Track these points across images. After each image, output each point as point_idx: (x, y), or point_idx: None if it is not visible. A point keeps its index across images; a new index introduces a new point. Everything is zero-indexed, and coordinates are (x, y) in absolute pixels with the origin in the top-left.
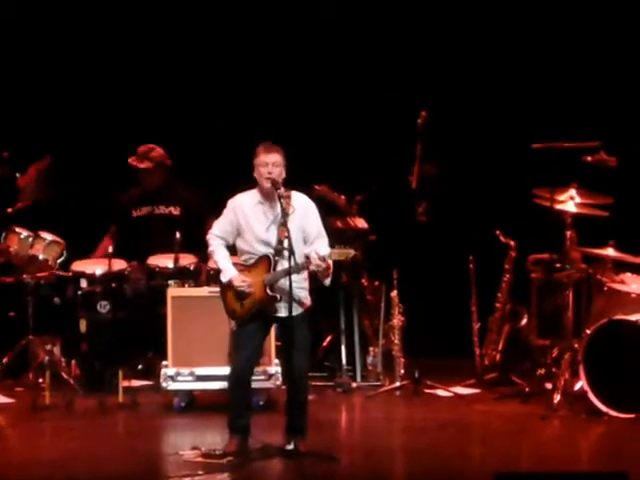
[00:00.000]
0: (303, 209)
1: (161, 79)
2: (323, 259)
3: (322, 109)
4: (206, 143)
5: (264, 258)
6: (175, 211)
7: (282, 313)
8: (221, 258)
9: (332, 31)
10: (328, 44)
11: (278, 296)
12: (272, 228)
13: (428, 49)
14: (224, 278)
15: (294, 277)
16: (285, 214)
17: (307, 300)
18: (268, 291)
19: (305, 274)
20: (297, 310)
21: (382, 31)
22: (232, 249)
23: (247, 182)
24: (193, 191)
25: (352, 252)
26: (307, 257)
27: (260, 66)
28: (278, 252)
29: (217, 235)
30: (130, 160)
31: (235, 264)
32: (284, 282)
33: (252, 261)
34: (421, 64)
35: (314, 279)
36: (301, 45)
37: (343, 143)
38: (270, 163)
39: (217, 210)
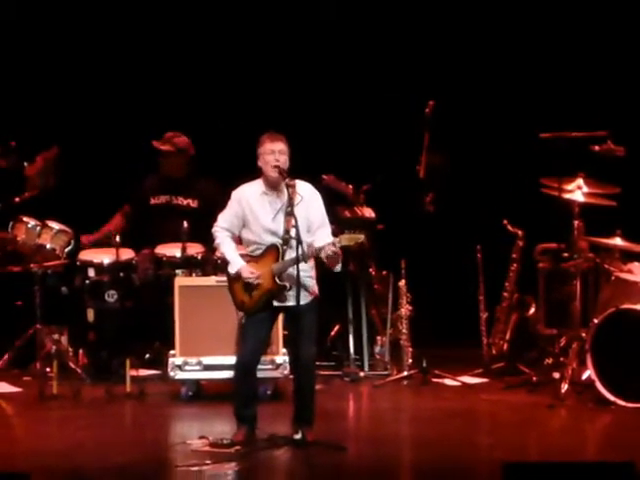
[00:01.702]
0: (308, 198)
1: (167, 68)
2: (333, 245)
3: (329, 99)
4: (212, 133)
5: (272, 248)
6: (193, 204)
7: (290, 302)
8: (228, 250)
9: (340, 21)
10: (336, 34)
11: (287, 285)
12: (278, 217)
13: (436, 39)
14: (232, 270)
15: (302, 266)
16: (292, 203)
17: (315, 288)
18: (277, 280)
19: (312, 262)
20: (305, 299)
21: (390, 20)
22: (239, 240)
23: (251, 172)
24: (214, 185)
25: (362, 237)
26: (310, 247)
27: (266, 56)
28: (286, 241)
29: (223, 227)
30: (154, 143)
31: (242, 255)
32: (292, 271)
33: (259, 252)
34: (429, 54)
35: (322, 267)
36: (308, 34)
37: (350, 133)
38: (277, 151)
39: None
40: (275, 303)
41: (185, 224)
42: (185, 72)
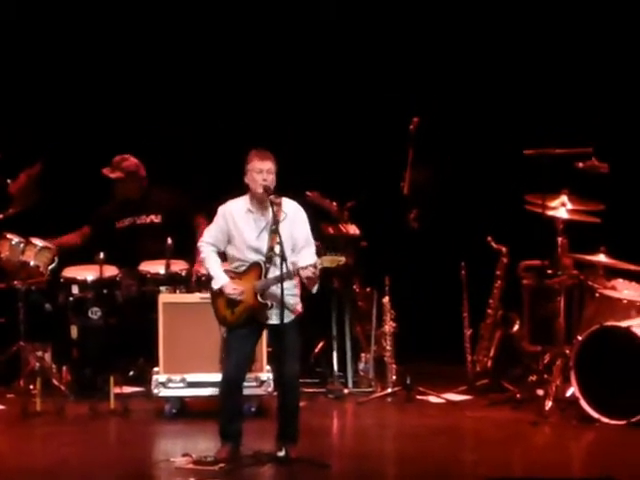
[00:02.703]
0: (294, 216)
1: (152, 84)
2: (314, 267)
3: (313, 115)
4: (199, 149)
5: (255, 265)
6: (156, 219)
7: (273, 320)
8: (213, 265)
9: (323, 40)
10: (320, 52)
11: (269, 303)
12: (263, 235)
13: (420, 55)
14: (215, 285)
15: (285, 284)
16: (277, 221)
17: (298, 307)
18: (259, 298)
19: (296, 280)
20: (288, 317)
21: (374, 37)
22: (223, 256)
23: (239, 188)
24: (172, 195)
25: (343, 259)
26: (293, 265)
27: (252, 72)
28: (269, 259)
29: (208, 242)
30: (103, 171)
31: (226, 271)
32: (275, 289)
33: (243, 268)
34: (413, 70)
35: (303, 286)
36: (292, 52)
37: (334, 149)
38: (265, 170)
39: (208, 213)
40: (258, 321)
41: (169, 240)
42: (171, 88)
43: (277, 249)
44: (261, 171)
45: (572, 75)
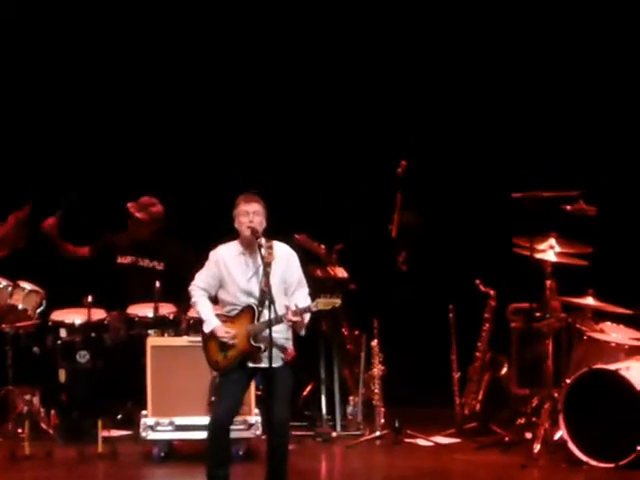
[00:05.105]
0: (285, 259)
1: (143, 129)
2: (300, 313)
3: (302, 158)
4: (188, 195)
5: (247, 309)
6: (159, 266)
7: (266, 364)
8: (204, 309)
9: (313, 83)
10: (308, 94)
11: (262, 347)
12: (254, 278)
13: (408, 98)
14: (207, 329)
15: (278, 327)
16: (266, 264)
17: (291, 350)
18: (252, 342)
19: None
20: (280, 360)
21: (363, 81)
22: (215, 300)
23: (228, 233)
24: (181, 247)
25: (338, 301)
26: (287, 308)
27: (240, 118)
28: (261, 303)
29: (199, 287)
30: (129, 205)
31: (218, 315)
32: (268, 332)
33: (235, 312)
34: (400, 113)
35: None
36: (282, 95)
37: (323, 192)
38: (251, 212)
39: (201, 263)
40: (250, 364)
41: (157, 284)
42: (162, 134)
43: (267, 293)
44: (247, 213)
45: (560, 118)
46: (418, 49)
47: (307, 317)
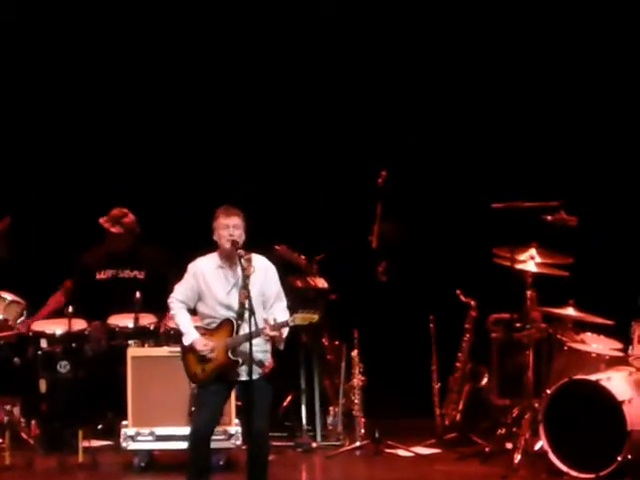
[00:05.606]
0: (263, 272)
1: (121, 139)
2: (278, 327)
3: (281, 169)
4: (167, 206)
5: (226, 322)
6: (140, 275)
7: (244, 377)
8: (183, 321)
9: (295, 93)
10: (289, 104)
11: (240, 360)
12: (233, 291)
13: (387, 109)
14: (186, 341)
15: (257, 340)
16: (246, 276)
17: (269, 363)
18: (230, 355)
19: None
20: (258, 373)
21: (342, 91)
22: (193, 312)
23: (207, 245)
24: (159, 253)
25: (316, 317)
26: (266, 322)
27: (220, 128)
28: (240, 316)
29: (178, 299)
30: (102, 221)
31: (197, 327)
32: (246, 346)
33: (214, 325)
34: (380, 123)
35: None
36: (258, 104)
37: (303, 203)
38: (231, 225)
39: (180, 272)
40: (228, 378)
41: (138, 294)
42: (140, 143)
43: (247, 304)
44: (227, 227)
45: (541, 129)
46: (400, 61)
47: (285, 332)
